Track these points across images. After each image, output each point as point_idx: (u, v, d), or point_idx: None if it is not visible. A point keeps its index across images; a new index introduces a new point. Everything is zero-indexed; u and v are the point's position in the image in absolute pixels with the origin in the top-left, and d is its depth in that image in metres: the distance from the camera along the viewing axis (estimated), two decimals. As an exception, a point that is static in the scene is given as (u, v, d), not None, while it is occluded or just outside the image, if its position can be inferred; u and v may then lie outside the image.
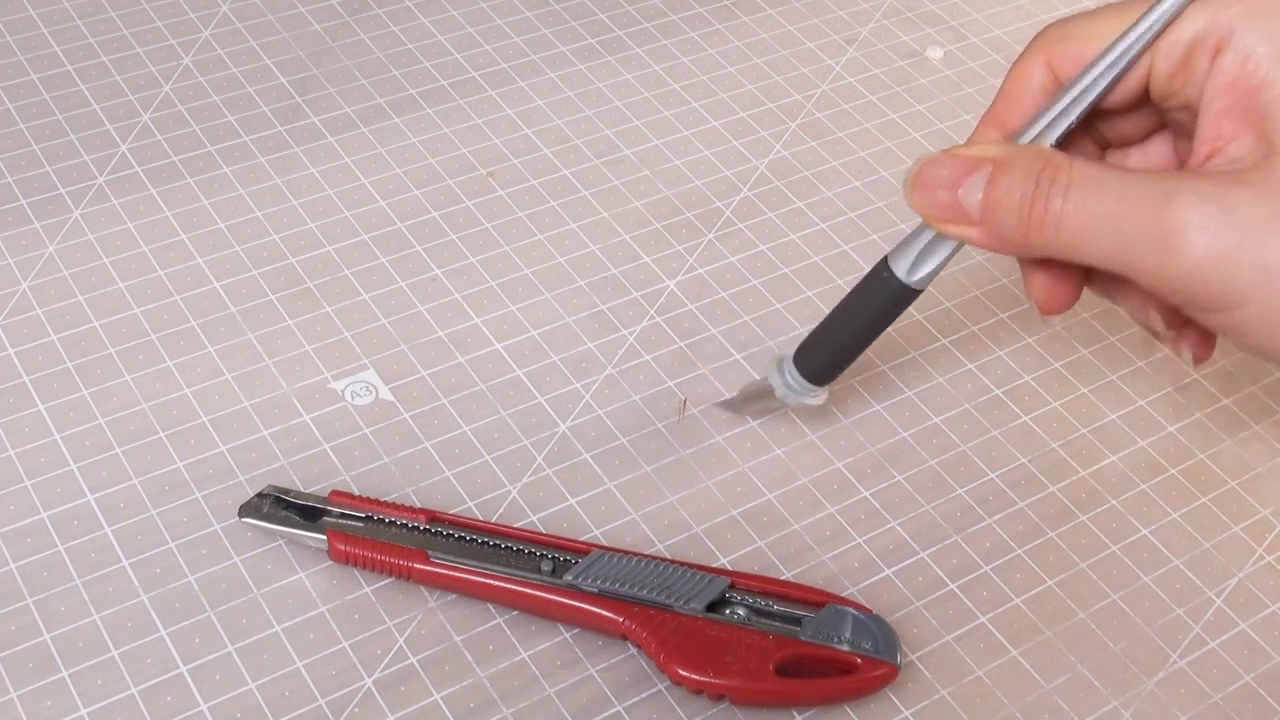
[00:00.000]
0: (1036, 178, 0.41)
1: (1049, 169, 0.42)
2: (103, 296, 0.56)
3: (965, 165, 0.43)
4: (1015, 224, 0.42)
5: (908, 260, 0.47)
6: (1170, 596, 0.50)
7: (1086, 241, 0.41)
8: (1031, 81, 0.46)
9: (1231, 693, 0.48)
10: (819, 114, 0.67)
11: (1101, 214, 0.41)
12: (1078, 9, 0.75)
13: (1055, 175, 0.41)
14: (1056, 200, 0.41)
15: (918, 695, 0.47)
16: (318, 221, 0.59)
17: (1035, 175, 0.42)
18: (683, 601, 0.46)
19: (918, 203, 0.44)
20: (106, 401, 0.52)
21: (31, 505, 0.49)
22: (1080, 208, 0.41)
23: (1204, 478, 0.54)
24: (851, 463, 0.53)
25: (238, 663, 0.46)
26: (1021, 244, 0.42)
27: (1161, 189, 0.40)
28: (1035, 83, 0.45)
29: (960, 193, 0.43)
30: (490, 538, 0.48)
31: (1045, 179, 0.41)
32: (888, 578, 0.50)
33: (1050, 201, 0.41)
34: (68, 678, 0.45)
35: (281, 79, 0.66)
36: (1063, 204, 0.41)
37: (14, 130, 0.62)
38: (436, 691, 0.46)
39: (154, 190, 0.60)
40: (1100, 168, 0.42)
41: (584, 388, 0.55)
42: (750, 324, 0.57)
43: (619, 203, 0.62)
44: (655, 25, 0.70)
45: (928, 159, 0.44)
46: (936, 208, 0.44)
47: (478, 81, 0.66)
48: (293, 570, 0.48)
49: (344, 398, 0.53)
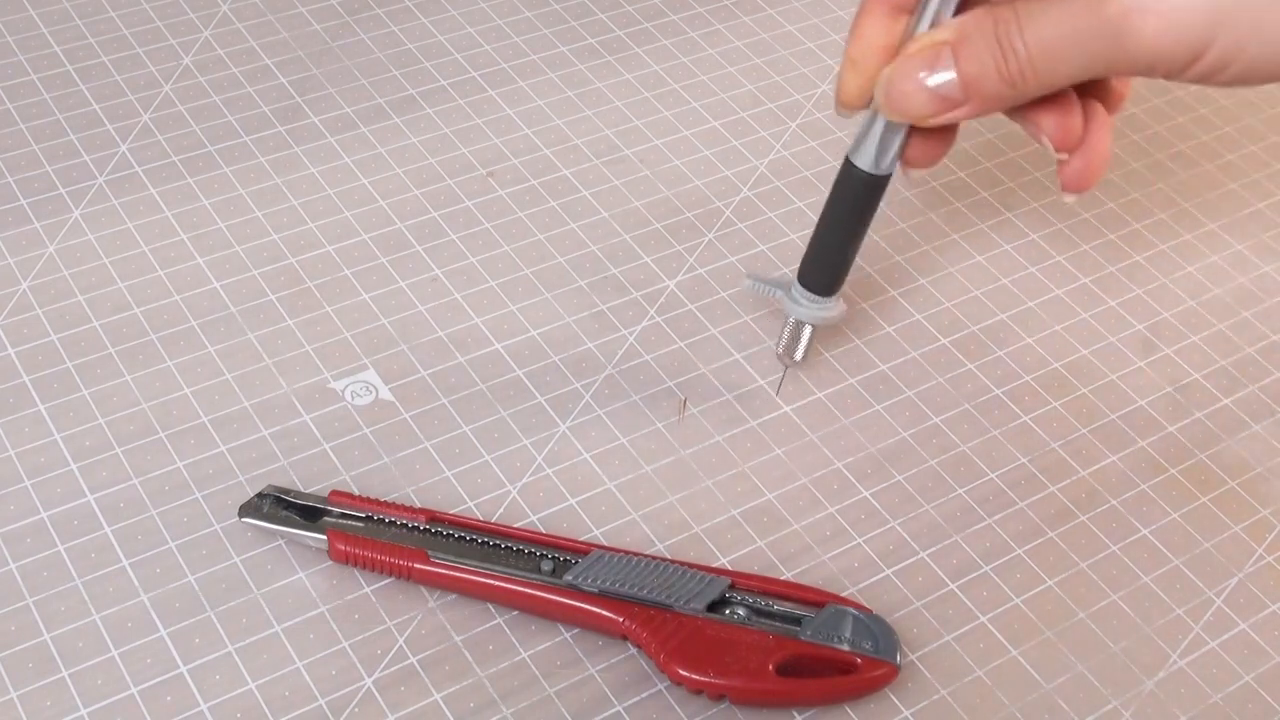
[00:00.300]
0: (996, 37, 0.44)
1: (1000, 24, 0.44)
2: (103, 296, 0.56)
3: (925, 58, 0.45)
4: (998, 83, 0.44)
5: (869, 153, 0.48)
6: (1170, 596, 0.50)
7: (1058, 66, 0.44)
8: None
9: (1231, 693, 0.48)
10: (819, 114, 0.67)
11: (1059, 37, 0.43)
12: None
13: (1008, 27, 0.44)
14: (1019, 46, 0.43)
15: (918, 695, 0.47)
16: (318, 221, 0.59)
17: (994, 35, 0.44)
18: (683, 601, 0.46)
19: (900, 111, 0.46)
20: (106, 401, 0.52)
21: (31, 505, 0.49)
22: (1041, 40, 0.43)
23: (1204, 478, 0.54)
24: (851, 463, 0.53)
25: (238, 663, 0.46)
26: (1010, 97, 0.45)
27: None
28: None
29: (932, 83, 0.45)
30: (490, 538, 0.48)
31: (1002, 33, 0.44)
32: (888, 578, 0.50)
33: (1015, 50, 0.43)
34: (68, 678, 0.45)
35: (281, 79, 0.66)
36: (1026, 48, 0.43)
37: (14, 130, 0.62)
38: (436, 691, 0.46)
39: (154, 190, 0.60)
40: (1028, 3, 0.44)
41: (584, 388, 0.55)
42: (750, 324, 0.57)
43: (619, 203, 0.62)
44: (655, 25, 0.70)
45: (889, 71, 0.46)
46: (920, 106, 0.45)
47: (478, 81, 0.66)
48: (293, 570, 0.48)
49: (344, 398, 0.53)
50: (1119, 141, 0.67)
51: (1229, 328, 0.59)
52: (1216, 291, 0.61)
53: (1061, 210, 0.63)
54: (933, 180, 0.64)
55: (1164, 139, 0.68)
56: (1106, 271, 0.61)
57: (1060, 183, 0.48)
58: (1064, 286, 0.60)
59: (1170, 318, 0.60)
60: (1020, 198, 0.64)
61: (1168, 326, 0.59)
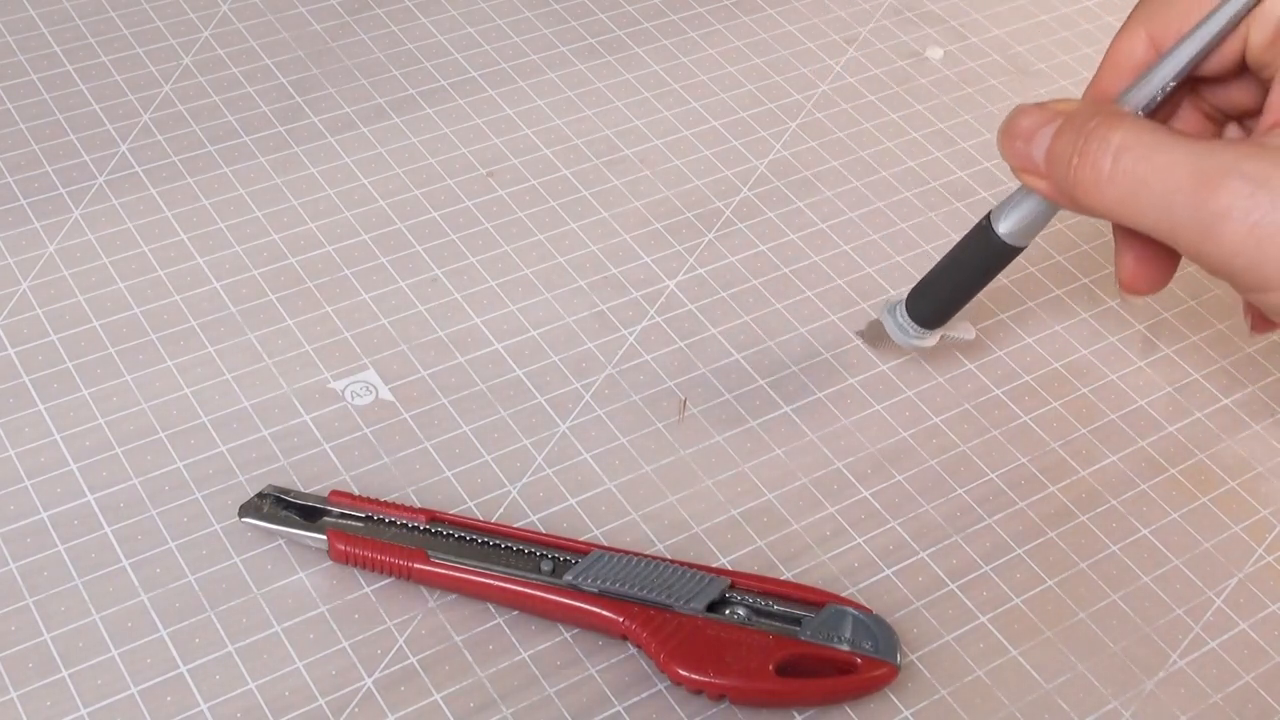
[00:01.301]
0: (1089, 134, 0.41)
1: (1100, 126, 0.41)
2: (103, 296, 0.56)
3: (1044, 117, 0.43)
4: (1065, 180, 0.42)
5: (1005, 215, 0.48)
6: (1170, 596, 0.50)
7: (1130, 208, 0.41)
8: (1134, 54, 0.46)
9: (1231, 693, 0.48)
10: (819, 114, 0.67)
11: (1147, 184, 0.40)
12: (1079, 9, 0.75)
13: (1106, 134, 0.41)
14: (1105, 161, 0.41)
15: (918, 695, 0.47)
16: (318, 221, 0.59)
17: (1088, 131, 0.41)
18: (683, 601, 0.46)
19: (1003, 150, 0.45)
20: (106, 401, 0.52)
21: (31, 505, 0.49)
22: (1126, 173, 0.41)
23: (1204, 478, 0.54)
24: (851, 463, 0.53)
25: (238, 663, 0.46)
26: (1071, 202, 0.43)
27: (1212, 166, 0.40)
28: (1138, 55, 0.46)
29: (1034, 145, 0.43)
30: (490, 538, 0.48)
31: (1096, 137, 0.41)
32: (888, 578, 0.50)
33: (1098, 161, 0.41)
34: (68, 678, 0.45)
35: (281, 79, 0.66)
36: (1111, 166, 0.41)
37: (14, 130, 0.62)
38: (436, 691, 0.46)
39: (154, 190, 0.60)
40: (1155, 133, 0.41)
41: (584, 388, 0.55)
42: (750, 324, 0.57)
43: (619, 203, 0.62)
44: (655, 25, 0.70)
45: (1020, 108, 0.44)
46: (1015, 157, 0.44)
47: (478, 81, 0.66)
48: (293, 570, 0.48)
49: (344, 398, 0.53)
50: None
51: (1229, 328, 0.59)
52: (1216, 291, 0.61)
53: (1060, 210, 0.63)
54: (932, 180, 0.64)
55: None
56: (1106, 271, 0.61)
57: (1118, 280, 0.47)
58: (1064, 287, 0.60)
59: (1170, 318, 0.60)
60: (1020, 198, 0.64)
61: (1168, 326, 0.59)
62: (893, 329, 0.53)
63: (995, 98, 0.69)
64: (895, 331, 0.53)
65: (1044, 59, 0.72)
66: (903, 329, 0.53)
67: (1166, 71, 0.44)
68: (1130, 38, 0.46)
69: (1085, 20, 0.74)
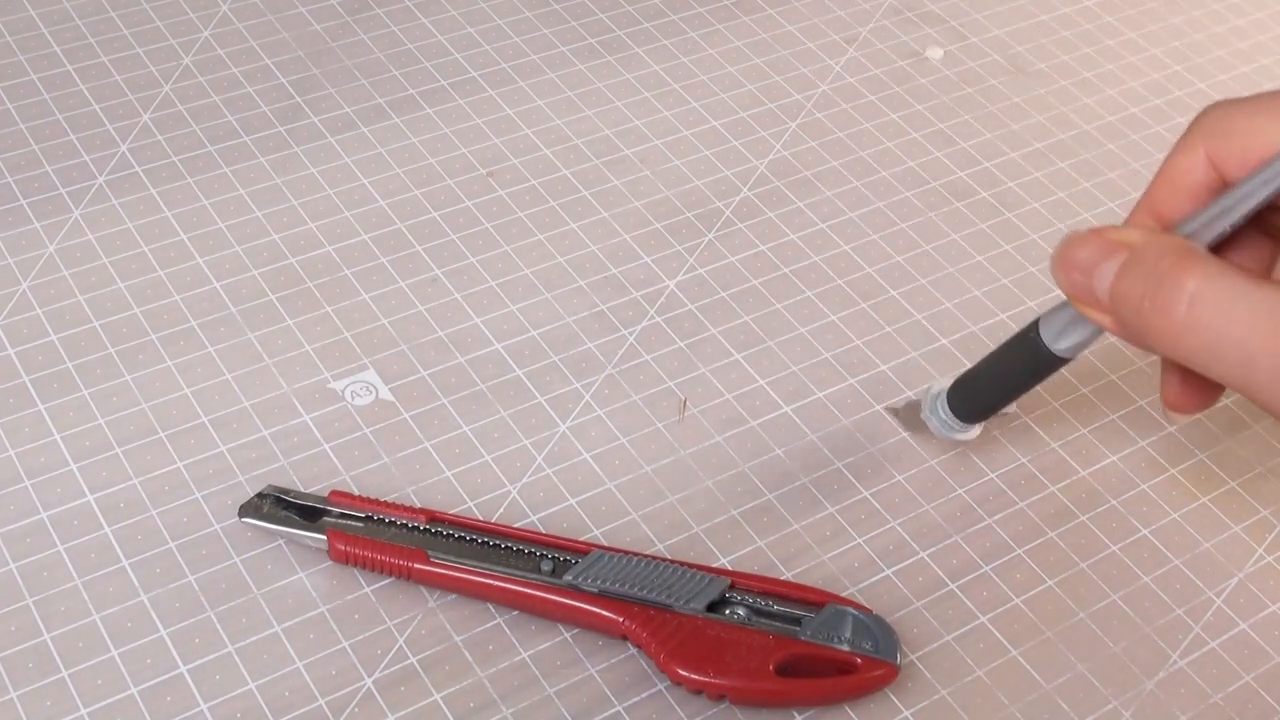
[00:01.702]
0: (1160, 277, 0.38)
1: (1175, 270, 0.38)
2: (103, 296, 0.56)
3: (1103, 249, 0.41)
4: (1134, 323, 0.39)
5: (1056, 326, 0.45)
6: (1170, 596, 0.50)
7: (1205, 357, 0.38)
8: (1193, 175, 0.43)
9: (1231, 693, 0.48)
10: (819, 114, 0.67)
11: (1225, 335, 0.37)
12: (1079, 9, 0.75)
13: (1180, 279, 0.38)
14: (1179, 308, 0.38)
15: (918, 695, 0.47)
16: (318, 221, 0.59)
17: (1160, 274, 0.38)
18: (683, 601, 0.46)
19: (1059, 281, 0.42)
20: (106, 401, 0.52)
21: (31, 505, 0.49)
22: (1202, 322, 0.37)
23: (1204, 478, 0.54)
24: (852, 463, 0.53)
25: (238, 663, 0.46)
26: (1140, 342, 0.40)
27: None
28: (1197, 176, 0.43)
29: (1095, 278, 0.40)
30: (490, 538, 0.48)
31: (1169, 282, 0.38)
32: (888, 578, 0.50)
33: (1173, 308, 0.38)
34: (68, 678, 0.45)
35: (281, 79, 0.66)
36: (1186, 313, 0.38)
37: (14, 130, 0.62)
38: (436, 691, 0.46)
39: (154, 190, 0.60)
40: (1231, 279, 0.38)
41: (584, 388, 0.55)
42: (750, 324, 0.57)
43: (619, 203, 0.62)
44: (655, 25, 0.71)
45: (1073, 236, 0.42)
46: (1074, 289, 0.41)
47: (478, 81, 0.66)
48: (293, 570, 0.48)
49: (344, 398, 0.53)
50: (1121, 142, 0.68)
51: (1229, 328, 0.59)
52: (1216, 291, 0.61)
53: (1061, 210, 0.63)
54: (932, 180, 0.64)
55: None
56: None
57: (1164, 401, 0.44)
58: (1064, 286, 0.60)
59: (1170, 318, 0.59)
60: (1020, 198, 0.64)
61: (1168, 326, 0.59)
62: (935, 425, 0.51)
63: (995, 98, 0.69)
64: (938, 426, 0.51)
65: (1044, 59, 0.72)
66: (945, 424, 0.51)
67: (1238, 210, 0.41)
68: (1189, 156, 0.43)
69: (1085, 20, 0.74)
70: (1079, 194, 0.64)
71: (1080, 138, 0.67)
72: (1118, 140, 0.67)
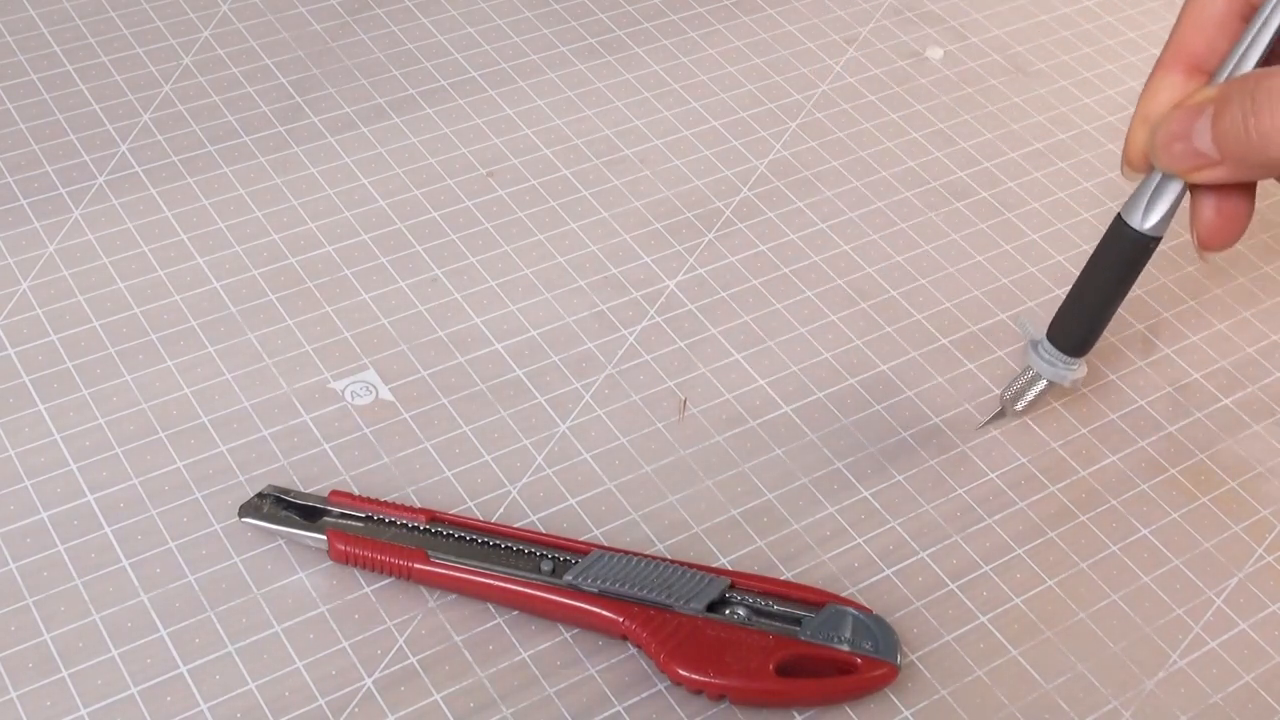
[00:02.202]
0: (1251, 95, 0.42)
1: (1262, 85, 0.42)
2: (103, 296, 0.56)
3: (1190, 110, 0.44)
4: (1247, 146, 0.43)
5: (1140, 210, 0.48)
6: (1170, 596, 0.50)
7: None
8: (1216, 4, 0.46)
9: (1231, 693, 0.48)
10: (819, 114, 0.67)
11: None
12: (1079, 9, 0.75)
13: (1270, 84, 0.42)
14: None
15: (918, 695, 0.47)
16: (318, 221, 0.59)
17: (1249, 93, 0.42)
18: (683, 601, 0.46)
19: (1164, 162, 0.45)
20: (106, 401, 0.52)
21: (31, 505, 0.49)
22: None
23: (1204, 478, 0.54)
24: (851, 463, 0.53)
25: (238, 663, 0.46)
26: (1261, 163, 0.43)
27: None
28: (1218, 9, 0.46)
29: (1195, 137, 0.44)
30: (490, 538, 0.48)
31: (1262, 92, 0.42)
32: (888, 578, 0.50)
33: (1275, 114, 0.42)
34: (68, 678, 0.45)
35: (281, 79, 0.66)
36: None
37: (14, 130, 0.62)
38: (436, 691, 0.46)
39: (154, 190, 0.60)
40: None
41: (584, 388, 0.55)
42: (750, 324, 0.57)
43: (619, 203, 0.62)
44: (655, 25, 0.71)
45: (1160, 120, 0.45)
46: (1182, 159, 0.45)
47: (478, 81, 0.66)
48: (293, 570, 0.48)
49: (344, 398, 0.53)
50: (1120, 142, 0.68)
51: (1229, 328, 0.59)
52: (1216, 291, 0.61)
53: (1061, 210, 0.63)
54: (932, 180, 0.64)
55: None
56: (1106, 271, 0.61)
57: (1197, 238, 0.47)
58: (1064, 286, 0.60)
59: (1170, 318, 0.60)
60: (1020, 198, 0.64)
61: (1168, 326, 0.59)
62: (1044, 367, 0.51)
63: (995, 98, 0.69)
64: (1047, 369, 0.51)
65: (1044, 59, 0.72)
66: (1053, 364, 0.51)
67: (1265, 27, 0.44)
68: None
69: (1085, 20, 0.74)
70: (1079, 194, 0.64)
71: (1080, 138, 0.67)
72: (1118, 140, 0.67)
